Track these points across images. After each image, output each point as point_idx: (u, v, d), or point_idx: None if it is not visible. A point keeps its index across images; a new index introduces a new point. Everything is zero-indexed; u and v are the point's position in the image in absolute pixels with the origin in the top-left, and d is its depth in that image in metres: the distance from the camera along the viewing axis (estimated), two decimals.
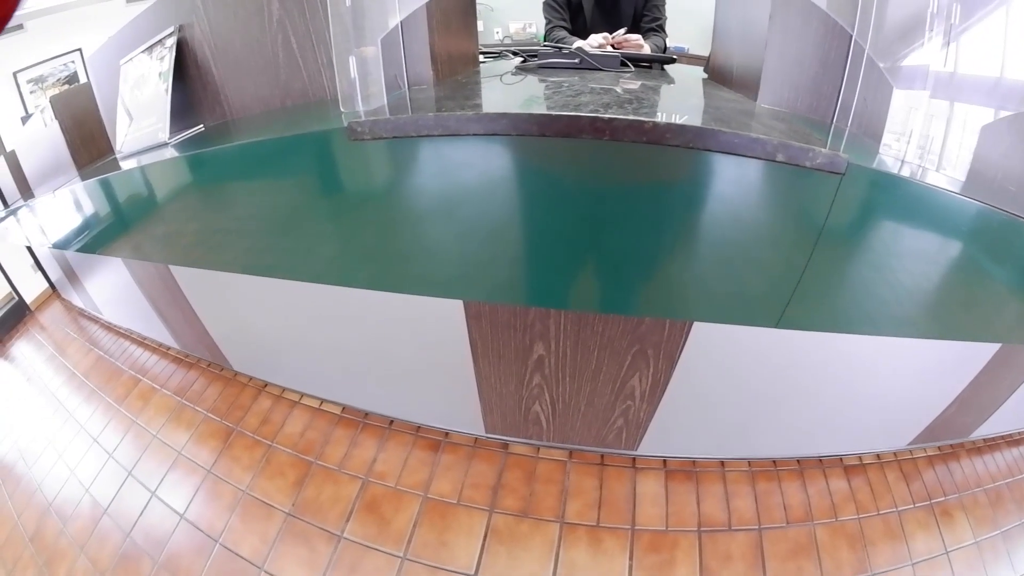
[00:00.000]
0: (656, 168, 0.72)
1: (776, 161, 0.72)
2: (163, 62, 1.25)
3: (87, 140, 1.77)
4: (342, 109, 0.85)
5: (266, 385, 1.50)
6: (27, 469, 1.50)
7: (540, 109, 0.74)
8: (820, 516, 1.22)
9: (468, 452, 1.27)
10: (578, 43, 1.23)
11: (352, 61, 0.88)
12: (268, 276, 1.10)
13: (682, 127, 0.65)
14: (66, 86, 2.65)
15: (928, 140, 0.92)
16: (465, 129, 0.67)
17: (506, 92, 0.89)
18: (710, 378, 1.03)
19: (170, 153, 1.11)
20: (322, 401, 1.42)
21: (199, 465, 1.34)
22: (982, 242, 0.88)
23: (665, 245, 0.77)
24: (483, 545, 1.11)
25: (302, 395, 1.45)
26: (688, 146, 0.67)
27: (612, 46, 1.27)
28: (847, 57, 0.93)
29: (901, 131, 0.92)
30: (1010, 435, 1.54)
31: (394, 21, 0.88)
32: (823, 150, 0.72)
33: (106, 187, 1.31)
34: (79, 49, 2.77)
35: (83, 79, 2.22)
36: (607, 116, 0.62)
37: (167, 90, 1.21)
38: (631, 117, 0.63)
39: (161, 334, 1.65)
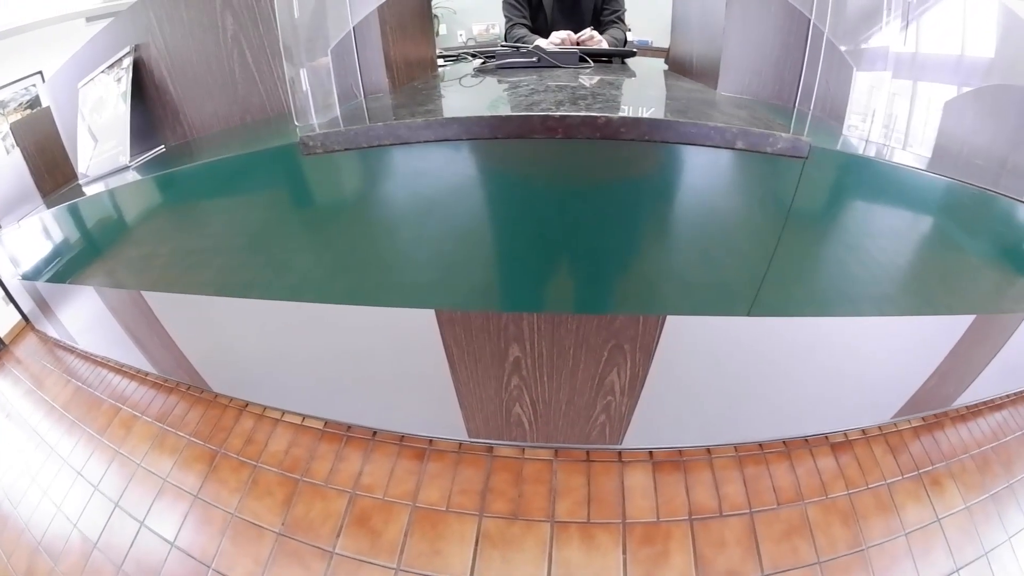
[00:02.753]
0: (617, 164, 0.72)
1: (737, 149, 0.72)
2: (120, 83, 1.22)
3: (51, 166, 1.74)
4: (296, 123, 0.84)
5: (247, 405, 1.48)
6: (12, 508, 1.47)
7: (494, 111, 0.73)
8: (810, 495, 1.23)
9: (454, 458, 1.26)
10: (538, 41, 1.22)
11: (303, 74, 0.86)
12: (242, 296, 1.08)
13: (636, 120, 0.64)
14: (28, 111, 2.57)
15: (892, 119, 0.92)
16: (416, 137, 0.66)
17: (463, 95, 0.88)
18: (688, 367, 1.04)
19: (131, 177, 1.09)
20: (304, 417, 1.41)
21: (186, 491, 1.32)
22: (951, 216, 0.89)
23: (631, 241, 0.77)
24: (476, 550, 1.11)
25: (283, 412, 1.43)
26: (645, 139, 0.66)
27: (575, 44, 1.27)
28: (807, 41, 0.93)
29: (864, 112, 0.92)
30: (992, 401, 1.56)
31: (343, 31, 0.87)
32: (784, 135, 0.72)
33: (69, 215, 1.29)
34: (40, 72, 2.70)
35: (45, 103, 2.17)
36: (559, 114, 0.62)
37: (126, 112, 1.19)
38: (583, 113, 0.62)
39: (138, 360, 1.63)
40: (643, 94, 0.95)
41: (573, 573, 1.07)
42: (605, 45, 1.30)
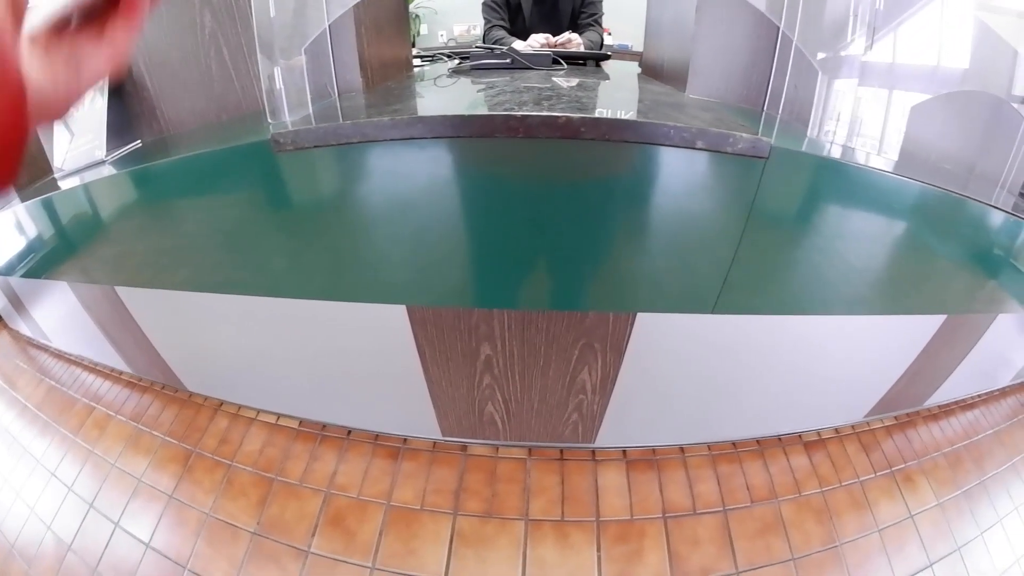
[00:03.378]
0: (580, 163, 0.73)
1: (697, 148, 0.73)
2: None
3: (25, 159, 1.71)
4: (270, 120, 0.84)
5: (222, 404, 1.47)
6: None
7: (459, 111, 0.74)
8: (784, 493, 1.24)
9: (428, 457, 1.26)
10: (516, 43, 1.24)
11: (278, 72, 0.87)
12: (216, 293, 1.08)
13: (596, 120, 0.65)
14: None
15: (858, 123, 0.95)
16: (383, 135, 0.67)
17: (435, 95, 0.89)
18: (660, 366, 1.05)
19: (107, 171, 1.09)
20: (279, 416, 1.40)
21: (160, 491, 1.31)
22: (917, 218, 0.91)
23: (596, 239, 0.78)
24: (450, 549, 1.11)
25: (258, 411, 1.42)
26: (605, 139, 0.68)
27: (553, 47, 1.28)
28: (775, 47, 0.96)
29: (830, 116, 0.94)
30: (963, 400, 1.59)
31: (318, 30, 0.87)
32: (744, 135, 0.74)
33: (44, 209, 1.27)
34: None
35: None
36: (520, 113, 0.63)
37: (103, 106, 1.18)
38: (544, 113, 0.63)
39: (113, 359, 1.61)
40: (611, 96, 0.96)
41: (548, 571, 1.08)
42: (582, 48, 1.31)
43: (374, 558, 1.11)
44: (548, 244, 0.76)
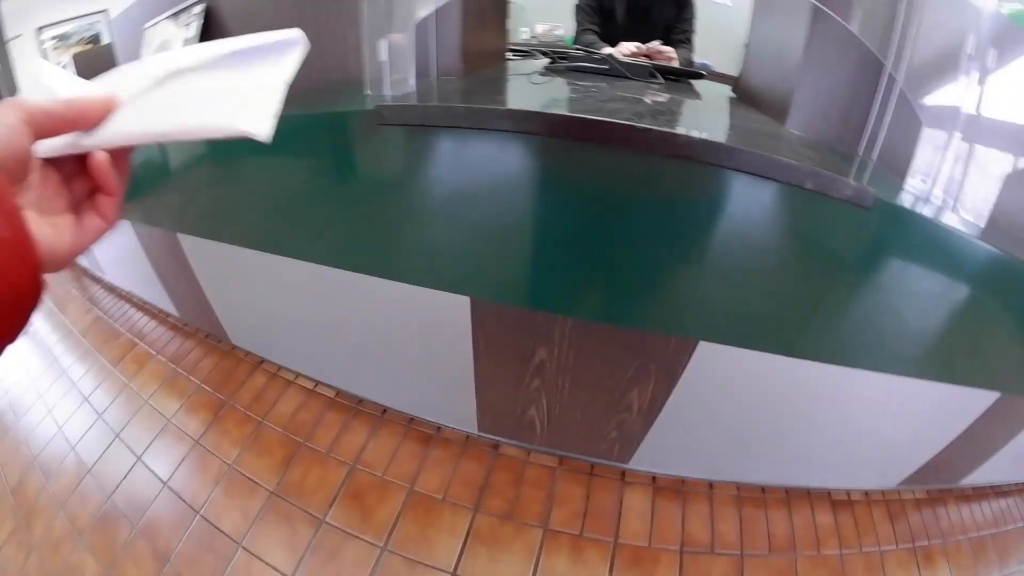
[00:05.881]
0: (680, 183, 0.72)
1: (804, 188, 0.71)
2: (189, 28, 1.24)
3: None
4: (368, 92, 0.85)
5: (262, 361, 1.49)
6: (15, 420, 1.49)
7: (571, 112, 0.73)
8: (803, 547, 1.21)
9: (458, 449, 1.25)
10: (608, 49, 1.22)
11: (383, 44, 0.87)
12: (275, 254, 1.09)
13: (717, 145, 0.64)
14: (89, 46, 2.60)
15: (953, 181, 0.91)
16: (494, 124, 0.66)
17: (534, 91, 0.88)
18: (709, 399, 1.03)
19: None
20: (317, 383, 1.41)
21: (187, 435, 1.33)
22: (1000, 289, 0.87)
23: (681, 261, 0.76)
24: (464, 544, 1.10)
25: (297, 375, 1.43)
26: (719, 164, 0.66)
27: (644, 56, 1.26)
28: (879, 89, 0.92)
29: (927, 170, 0.91)
30: (999, 486, 1.53)
31: (429, 9, 0.87)
32: (852, 182, 0.72)
33: None
34: (105, 10, 2.74)
35: (106, 40, 2.21)
36: (643, 125, 0.62)
37: None
38: (667, 129, 0.62)
39: (162, 300, 1.64)
40: (716, 119, 0.94)
41: None
42: (676, 62, 1.29)
43: (387, 539, 1.11)
44: (632, 259, 0.74)
